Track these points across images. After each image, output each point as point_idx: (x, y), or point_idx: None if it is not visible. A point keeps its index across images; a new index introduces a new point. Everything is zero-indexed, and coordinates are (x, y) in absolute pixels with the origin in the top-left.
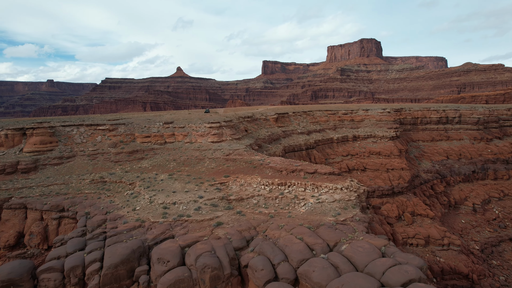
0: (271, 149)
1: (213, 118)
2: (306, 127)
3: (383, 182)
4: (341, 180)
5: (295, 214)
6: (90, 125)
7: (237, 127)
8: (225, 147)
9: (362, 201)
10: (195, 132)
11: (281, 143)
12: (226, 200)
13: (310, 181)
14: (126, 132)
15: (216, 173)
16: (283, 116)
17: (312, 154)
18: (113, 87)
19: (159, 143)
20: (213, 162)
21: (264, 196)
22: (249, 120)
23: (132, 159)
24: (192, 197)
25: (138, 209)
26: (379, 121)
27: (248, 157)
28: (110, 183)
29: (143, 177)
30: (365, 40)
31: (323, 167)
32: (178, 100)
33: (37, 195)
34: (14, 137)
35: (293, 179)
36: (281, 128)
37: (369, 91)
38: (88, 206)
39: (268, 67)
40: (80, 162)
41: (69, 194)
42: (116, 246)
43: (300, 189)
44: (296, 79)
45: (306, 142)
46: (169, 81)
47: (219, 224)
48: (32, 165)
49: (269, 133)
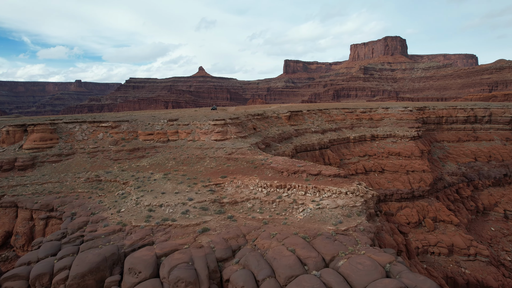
0: (280, 148)
1: (218, 116)
2: (321, 126)
3: (402, 184)
4: (346, 184)
5: (292, 221)
6: (92, 122)
7: (245, 125)
8: (228, 145)
9: (370, 207)
10: (199, 130)
11: (292, 142)
12: (218, 203)
13: (312, 184)
14: (129, 129)
15: (214, 173)
16: (296, 114)
17: (326, 154)
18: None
19: (162, 141)
20: (213, 161)
21: (260, 200)
22: (259, 118)
23: (132, 157)
24: (182, 199)
25: (123, 211)
26: (399, 120)
27: (251, 156)
28: (105, 182)
29: (138, 176)
30: (389, 38)
31: (328, 169)
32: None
33: (29, 193)
34: (15, 133)
35: (294, 181)
36: (294, 127)
37: (393, 90)
38: (76, 206)
39: (289, 66)
40: (79, 160)
41: (62, 193)
42: (87, 253)
43: (300, 193)
44: (318, 78)
45: (319, 142)
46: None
47: (205, 230)
48: (29, 162)
49: (280, 131)
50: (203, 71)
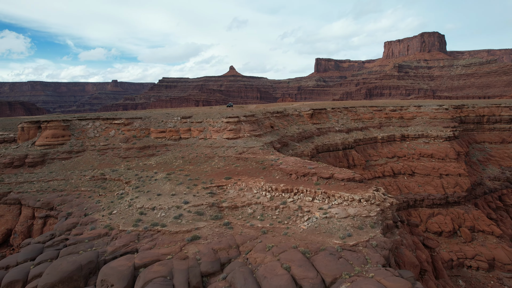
0: (299, 148)
1: (231, 113)
2: (346, 125)
3: (434, 189)
4: (361, 189)
5: (294, 231)
6: (106, 119)
7: (261, 122)
8: (240, 144)
9: (388, 217)
10: (211, 128)
11: (313, 141)
12: (216, 208)
13: (322, 189)
14: (141, 126)
15: (219, 173)
16: (319, 112)
17: (350, 155)
18: (169, 86)
19: (174, 139)
20: (222, 161)
21: (262, 205)
22: (278, 115)
23: (141, 155)
24: (177, 201)
25: (115, 213)
26: (433, 119)
27: (261, 156)
28: (109, 180)
29: (141, 175)
30: (426, 34)
31: (342, 172)
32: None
33: (34, 190)
34: (30, 130)
35: (302, 185)
36: (316, 125)
37: (430, 89)
38: (75, 205)
39: (321, 64)
40: (88, 157)
41: (65, 191)
42: (62, 260)
43: (307, 198)
44: (350, 77)
45: (343, 141)
46: (222, 80)
47: (195, 238)
48: (39, 159)
49: (300, 130)
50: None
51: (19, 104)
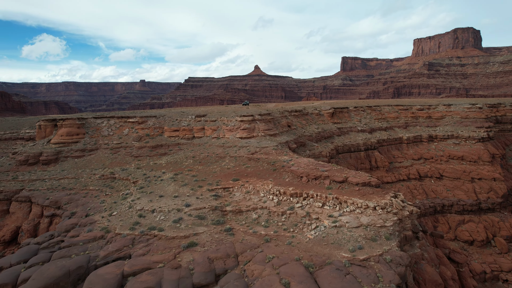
0: (317, 148)
1: (246, 111)
2: (369, 124)
3: (465, 194)
4: (377, 195)
5: (299, 240)
6: (120, 117)
7: (278, 121)
8: (253, 144)
9: (406, 228)
10: (225, 127)
11: (333, 141)
12: (219, 212)
13: (334, 194)
14: (155, 125)
15: (228, 175)
16: (341, 111)
17: (372, 156)
18: (195, 85)
19: (187, 138)
20: (233, 161)
21: (268, 210)
22: (296, 114)
23: (153, 154)
24: (179, 204)
25: (114, 215)
26: (464, 119)
27: (274, 157)
28: (118, 180)
29: (149, 175)
30: (459, 30)
31: (357, 175)
32: (254, 98)
33: (45, 188)
34: (46, 128)
35: (313, 189)
36: (337, 125)
37: (463, 87)
38: (80, 205)
39: (347, 63)
40: (101, 156)
41: (74, 190)
42: (51, 265)
43: (316, 204)
44: (377, 76)
45: (366, 142)
46: (246, 79)
47: (192, 245)
48: (53, 157)
49: (320, 129)
50: (259, 70)
51: (53, 104)
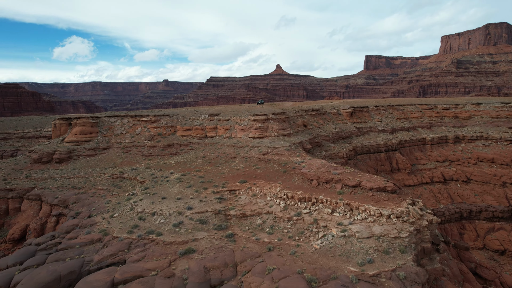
0: (334, 149)
1: (259, 110)
2: (390, 124)
3: (495, 200)
4: (393, 202)
5: (304, 250)
6: (134, 116)
7: (293, 121)
8: (265, 144)
9: (425, 240)
10: (237, 126)
11: (351, 142)
12: (222, 216)
13: (345, 200)
14: (168, 124)
15: (236, 176)
16: (361, 110)
17: (393, 158)
18: (216, 85)
19: (199, 137)
20: (243, 162)
21: (274, 215)
22: (313, 113)
23: (165, 153)
24: (181, 207)
25: (115, 216)
26: (495, 118)
27: (286, 158)
28: (126, 179)
29: (156, 175)
30: (492, 25)
31: (372, 179)
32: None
33: (55, 187)
34: (61, 126)
35: (323, 193)
36: (356, 125)
37: (494, 86)
38: (86, 205)
39: (371, 62)
40: (112, 155)
41: (82, 189)
42: (43, 269)
43: (326, 210)
44: (402, 74)
45: (386, 142)
46: (268, 78)
47: (189, 252)
48: (65, 155)
49: (337, 129)
50: (280, 69)
51: (80, 103)
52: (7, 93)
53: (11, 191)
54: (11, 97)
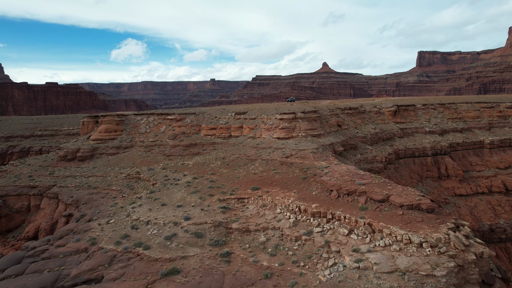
0: (371, 152)
1: (287, 108)
2: (440, 125)
3: None
4: (428, 225)
5: (306, 281)
6: (160, 114)
7: (326, 120)
8: (290, 145)
9: (471, 280)
10: (263, 125)
11: (393, 144)
12: (223, 229)
13: (367, 218)
14: (193, 122)
15: (250, 181)
16: (406, 109)
17: (442, 163)
18: (262, 84)
19: (223, 137)
20: (263, 165)
21: (281, 232)
22: (350, 112)
23: (186, 153)
24: (178, 216)
25: (111, 223)
26: None
27: (310, 162)
28: (141, 180)
29: (170, 177)
30: None
31: (404, 193)
32: (321, 96)
33: (73, 185)
34: (89, 124)
35: (341, 208)
36: (400, 125)
37: None
38: (94, 206)
39: (424, 58)
40: (134, 153)
41: (97, 189)
42: (10, 283)
43: (342, 230)
44: (459, 71)
45: (434, 145)
46: (314, 77)
47: (172, 272)
48: (89, 153)
49: (377, 130)
50: (327, 67)
51: (132, 102)
52: (68, 93)
53: (33, 188)
54: (71, 97)
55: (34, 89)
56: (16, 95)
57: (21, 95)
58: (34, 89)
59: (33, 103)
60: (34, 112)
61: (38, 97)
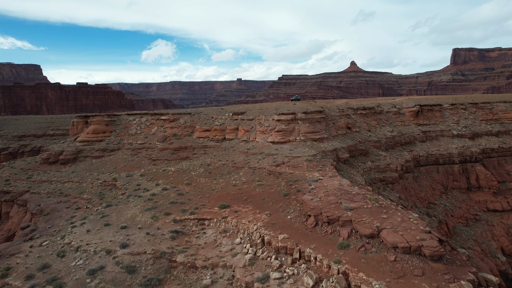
0: (384, 159)
1: (287, 108)
2: (471, 127)
3: None
4: (429, 283)
5: None
6: (154, 114)
7: (333, 121)
8: (284, 151)
9: None
10: (259, 127)
11: (412, 149)
12: (165, 261)
13: (344, 263)
14: (187, 123)
15: (223, 196)
16: (430, 109)
17: (472, 172)
18: (288, 83)
19: (216, 140)
20: (247, 175)
21: (232, 272)
22: (364, 113)
23: (173, 158)
24: (116, 241)
25: (44, 245)
26: None
27: (301, 172)
28: (115, 188)
29: (140, 187)
30: None
31: (404, 224)
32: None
33: (45, 192)
34: (78, 124)
35: (314, 244)
36: (422, 127)
37: None
38: (53, 218)
39: (459, 55)
40: (119, 157)
41: (68, 197)
42: None
43: (306, 280)
44: (499, 68)
45: (463, 151)
46: (341, 76)
47: None
48: (71, 156)
49: (395, 133)
50: (355, 66)
51: (160, 101)
52: (97, 93)
53: (6, 193)
54: (100, 96)
55: (66, 89)
56: (50, 95)
57: (54, 95)
58: (65, 89)
59: (65, 103)
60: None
61: (69, 97)
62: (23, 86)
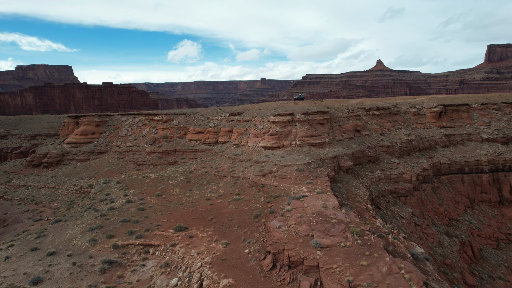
0: (397, 167)
1: (285, 109)
2: (505, 130)
3: None
4: None
5: None
6: (147, 114)
7: (339, 123)
8: (275, 158)
9: None
10: (253, 130)
11: (432, 155)
12: None
13: None
14: (180, 125)
15: (189, 214)
16: (456, 109)
17: (505, 183)
18: (312, 82)
19: (208, 143)
20: (228, 186)
21: None
22: (377, 114)
23: (160, 162)
24: (32, 274)
25: None
26: None
27: (288, 185)
28: (87, 197)
29: (110, 196)
30: None
31: (389, 279)
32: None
33: (17, 198)
34: (69, 125)
35: None
36: (445, 130)
37: None
38: (7, 231)
39: (495, 52)
40: (104, 161)
41: (38, 205)
42: None
43: None
44: None
45: (494, 158)
46: (367, 75)
47: None
48: (55, 159)
49: (412, 136)
50: (381, 65)
51: (183, 101)
52: (122, 92)
53: None
54: (125, 96)
55: (92, 89)
56: (77, 95)
57: (81, 95)
58: (92, 89)
59: (91, 102)
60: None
61: (95, 96)
62: (53, 86)
